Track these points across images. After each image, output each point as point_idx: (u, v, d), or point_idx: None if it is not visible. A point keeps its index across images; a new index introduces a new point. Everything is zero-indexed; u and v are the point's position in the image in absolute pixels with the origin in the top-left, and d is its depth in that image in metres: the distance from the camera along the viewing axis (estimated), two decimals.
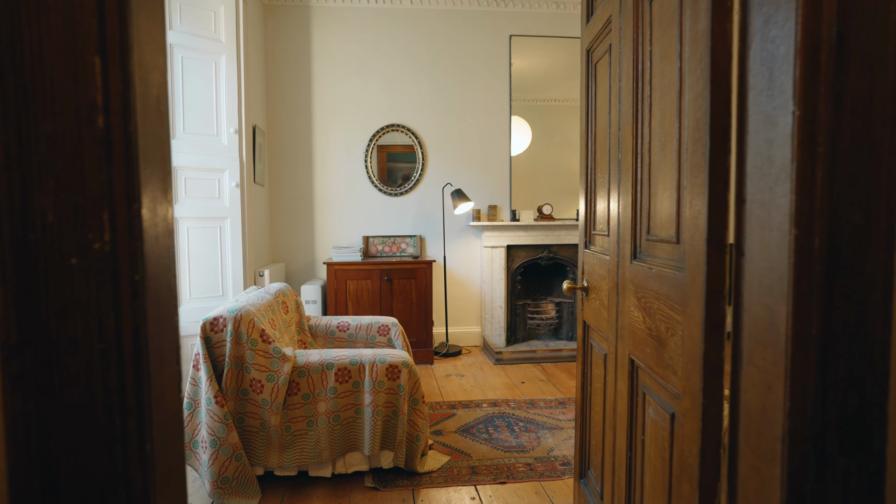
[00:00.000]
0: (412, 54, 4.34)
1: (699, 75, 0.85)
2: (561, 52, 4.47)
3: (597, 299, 1.53)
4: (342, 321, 2.91)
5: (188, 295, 3.10)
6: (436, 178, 4.43)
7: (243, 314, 2.09)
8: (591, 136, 1.64)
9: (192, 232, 3.11)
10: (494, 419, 2.88)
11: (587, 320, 1.65)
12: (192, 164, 3.09)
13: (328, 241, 4.37)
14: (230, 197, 3.25)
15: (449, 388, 3.43)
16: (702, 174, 0.85)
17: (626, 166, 1.25)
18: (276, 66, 4.22)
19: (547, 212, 4.40)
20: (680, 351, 0.94)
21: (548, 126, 4.50)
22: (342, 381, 2.16)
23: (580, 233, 1.75)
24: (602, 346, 1.50)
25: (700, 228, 0.86)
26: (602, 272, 1.47)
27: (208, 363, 2.02)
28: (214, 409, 1.98)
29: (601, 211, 1.52)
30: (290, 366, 2.11)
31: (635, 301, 1.18)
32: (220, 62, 3.17)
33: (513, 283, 4.50)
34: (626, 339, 1.26)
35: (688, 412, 0.91)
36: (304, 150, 4.30)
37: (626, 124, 1.24)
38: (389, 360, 2.20)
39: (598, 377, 1.55)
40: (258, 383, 2.06)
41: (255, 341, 2.07)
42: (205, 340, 2.05)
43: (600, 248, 1.53)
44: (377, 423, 2.15)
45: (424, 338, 3.97)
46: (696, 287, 0.88)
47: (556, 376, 3.69)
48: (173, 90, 2.98)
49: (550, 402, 3.15)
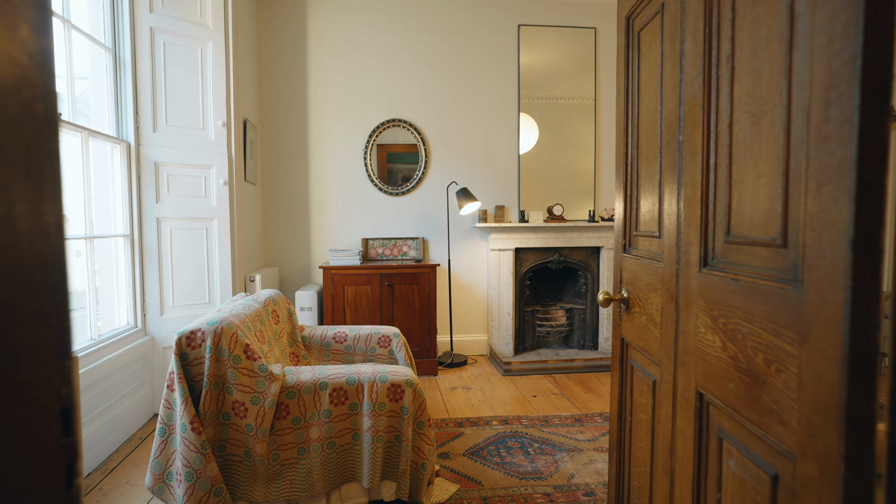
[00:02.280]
0: (414, 45, 4.10)
1: (839, 6, 0.60)
2: (570, 46, 4.22)
3: (642, 314, 1.27)
4: (339, 331, 2.66)
5: (171, 302, 2.84)
6: (439, 176, 4.18)
7: (224, 327, 1.83)
8: (632, 120, 1.39)
9: (175, 233, 2.85)
10: (506, 439, 2.62)
11: (627, 338, 1.39)
12: (176, 160, 2.84)
13: (325, 243, 4.11)
14: (218, 195, 3.00)
15: (455, 403, 3.16)
16: (843, 149, 0.59)
17: (691, 149, 1.00)
18: (269, 56, 3.97)
19: (558, 212, 4.14)
20: (794, 395, 0.69)
21: (555, 125, 4.25)
22: (338, 402, 1.90)
23: (616, 235, 1.49)
24: (649, 370, 1.25)
25: (837, 227, 0.61)
26: (650, 281, 1.22)
27: (184, 383, 1.76)
28: (190, 438, 1.72)
29: (647, 208, 1.27)
30: (279, 386, 1.85)
31: (708, 321, 0.93)
32: (207, 49, 2.92)
33: (521, 288, 4.24)
34: (690, 366, 1.00)
35: (812, 483, 0.65)
36: (300, 146, 4.05)
37: (693, 98, 0.99)
38: (391, 379, 1.94)
39: (643, 407, 1.29)
40: (241, 406, 1.80)
41: (238, 358, 1.82)
42: (180, 357, 1.79)
43: (646, 253, 1.27)
44: (377, 450, 1.89)
45: (428, 347, 3.72)
46: (829, 309, 0.62)
47: (570, 389, 3.43)
48: (154, 79, 2.73)
49: (566, 420, 2.89)
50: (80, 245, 2.45)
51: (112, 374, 2.40)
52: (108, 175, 2.62)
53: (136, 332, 2.72)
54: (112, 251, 2.67)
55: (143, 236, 2.76)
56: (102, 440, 2.32)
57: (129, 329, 2.68)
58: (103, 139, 2.50)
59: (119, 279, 2.69)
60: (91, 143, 2.43)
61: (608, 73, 4.29)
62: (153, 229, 2.78)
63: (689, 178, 1.00)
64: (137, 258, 2.73)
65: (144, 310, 2.78)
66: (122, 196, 2.66)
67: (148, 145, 2.74)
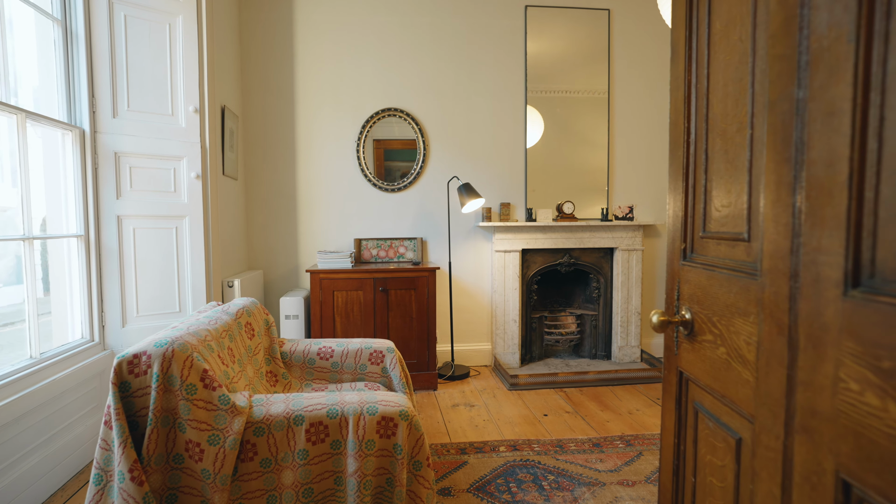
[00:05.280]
0: (412, 28, 3.75)
1: None
2: (581, 31, 3.88)
3: (719, 345, 0.93)
4: (324, 346, 2.32)
5: (134, 312, 2.50)
6: (440, 171, 3.83)
7: (176, 349, 1.49)
8: (696, 84, 1.05)
9: (139, 233, 2.51)
10: (516, 470, 2.29)
11: (689, 372, 1.05)
12: (140, 150, 2.49)
13: (314, 244, 3.77)
14: (189, 191, 2.65)
15: (457, 424, 2.83)
16: None
17: (825, 109, 0.66)
18: (251, 38, 3.62)
19: (568, 210, 3.81)
20: None
21: (562, 120, 3.91)
22: (316, 440, 1.56)
23: (670, 237, 1.15)
24: (730, 423, 0.91)
25: None
26: (734, 301, 0.88)
27: (122, 420, 1.42)
28: (129, 489, 1.38)
29: (725, 200, 0.93)
30: (243, 421, 1.51)
31: (867, 373, 0.59)
32: (177, 24, 2.57)
33: (528, 292, 3.90)
34: (823, 437, 0.66)
35: None
36: (286, 137, 3.71)
37: (835, 28, 0.65)
38: (382, 411, 1.60)
39: (717, 470, 0.96)
40: (196, 447, 1.46)
41: (193, 387, 1.48)
42: (120, 388, 1.45)
43: (725, 261, 0.94)
44: (365, 498, 1.55)
45: (427, 359, 3.38)
46: None
47: (584, 406, 3.09)
48: (114, 57, 2.38)
49: (583, 445, 2.55)
50: (18, 247, 2.10)
51: (58, 397, 2.06)
52: (58, 166, 2.28)
53: (93, 346, 2.37)
54: (64, 254, 2.33)
55: (101, 237, 2.41)
56: (42, 477, 1.97)
57: (84, 343, 2.33)
58: (50, 124, 2.15)
59: (72, 286, 2.35)
60: (31, 127, 2.08)
61: (624, 62, 3.95)
62: (113, 229, 2.43)
63: (823, 154, 0.66)
64: (94, 262, 2.39)
65: (103, 320, 2.44)
66: (75, 191, 2.32)
67: (106, 133, 2.39)
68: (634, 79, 3.97)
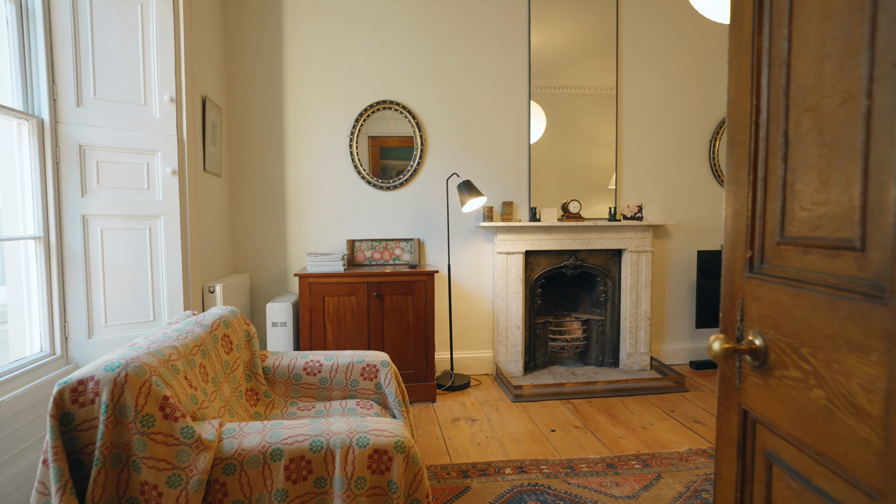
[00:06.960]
0: (408, 15, 3.52)
1: None
2: (587, 22, 3.66)
3: (813, 385, 0.71)
4: (312, 360, 2.09)
5: (102, 321, 2.27)
6: (438, 167, 3.61)
7: (130, 372, 1.26)
8: (770, 51, 0.83)
9: (108, 235, 2.27)
10: (525, 496, 2.07)
11: (759, 413, 0.84)
12: (108, 143, 2.26)
13: (304, 245, 3.53)
14: (164, 188, 2.42)
15: (458, 442, 2.60)
16: None
17: None
18: (237, 25, 3.39)
19: (574, 210, 3.59)
20: None
21: (566, 117, 3.69)
22: (297, 477, 1.33)
23: (729, 243, 0.93)
24: (829, 489, 0.69)
25: None
26: (842, 332, 0.66)
27: (62, 460, 1.19)
28: None
29: (818, 197, 0.71)
30: (210, 457, 1.28)
31: None
32: (149, 4, 2.34)
33: (532, 297, 3.68)
34: None
35: None
36: (274, 132, 3.47)
37: None
38: (374, 442, 1.38)
39: None
40: (154, 490, 1.23)
41: (150, 418, 1.25)
42: (60, 420, 1.22)
43: (822, 276, 0.72)
44: None
45: (424, 369, 3.15)
46: None
47: (594, 420, 2.88)
48: (77, 39, 2.15)
49: (595, 465, 2.34)
50: None
51: (8, 420, 1.82)
52: (12, 160, 2.04)
53: (55, 360, 2.14)
54: (21, 258, 2.09)
55: (63, 238, 2.18)
56: None
57: (43, 357, 2.10)
58: (2, 112, 1.92)
59: (31, 293, 2.11)
60: None
61: (633, 55, 3.73)
62: (78, 230, 2.20)
63: None
64: (56, 266, 2.15)
65: (66, 331, 2.20)
66: (32, 187, 2.08)
67: (69, 123, 2.16)
68: (643, 73, 3.76)
